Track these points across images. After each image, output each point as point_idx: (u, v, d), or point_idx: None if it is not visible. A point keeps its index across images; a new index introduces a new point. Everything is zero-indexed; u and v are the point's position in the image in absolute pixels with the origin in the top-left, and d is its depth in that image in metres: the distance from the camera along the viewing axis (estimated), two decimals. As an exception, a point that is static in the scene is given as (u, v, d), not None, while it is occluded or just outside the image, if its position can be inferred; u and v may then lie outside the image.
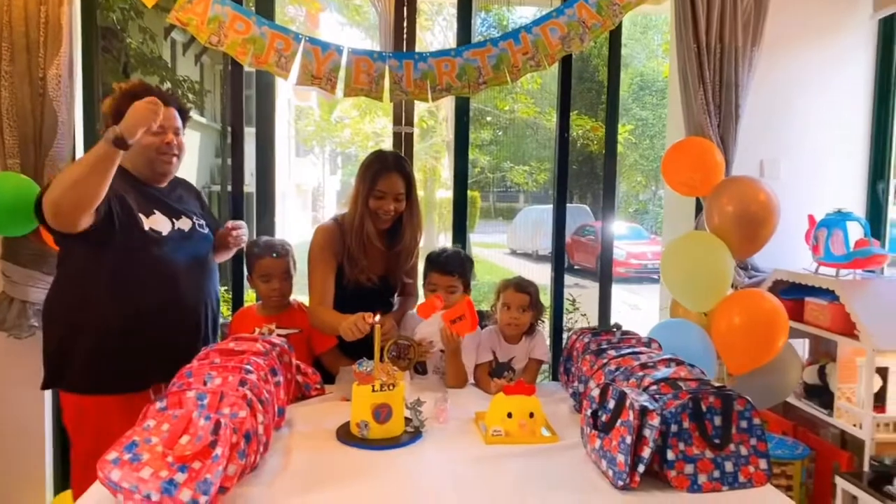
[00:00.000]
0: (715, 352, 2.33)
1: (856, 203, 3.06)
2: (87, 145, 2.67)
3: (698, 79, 2.70)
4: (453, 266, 2.30)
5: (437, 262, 2.32)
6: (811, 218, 2.63)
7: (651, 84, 16.07)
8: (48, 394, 2.59)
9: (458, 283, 2.30)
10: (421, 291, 2.43)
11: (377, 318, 1.93)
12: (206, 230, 2.19)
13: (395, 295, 2.46)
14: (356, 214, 2.27)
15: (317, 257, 2.28)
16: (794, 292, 2.61)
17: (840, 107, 3.06)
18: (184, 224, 2.10)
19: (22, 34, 2.37)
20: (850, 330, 2.33)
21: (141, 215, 1.99)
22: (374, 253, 2.32)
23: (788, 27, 2.93)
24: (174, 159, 2.09)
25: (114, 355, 1.96)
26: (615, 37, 2.95)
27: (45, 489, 2.61)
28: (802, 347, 2.77)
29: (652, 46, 16.28)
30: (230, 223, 2.31)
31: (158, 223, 2.03)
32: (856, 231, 2.47)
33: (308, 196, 19.51)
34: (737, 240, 2.41)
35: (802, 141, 3.01)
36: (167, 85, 8.87)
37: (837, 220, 2.50)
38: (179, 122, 2.10)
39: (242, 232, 2.31)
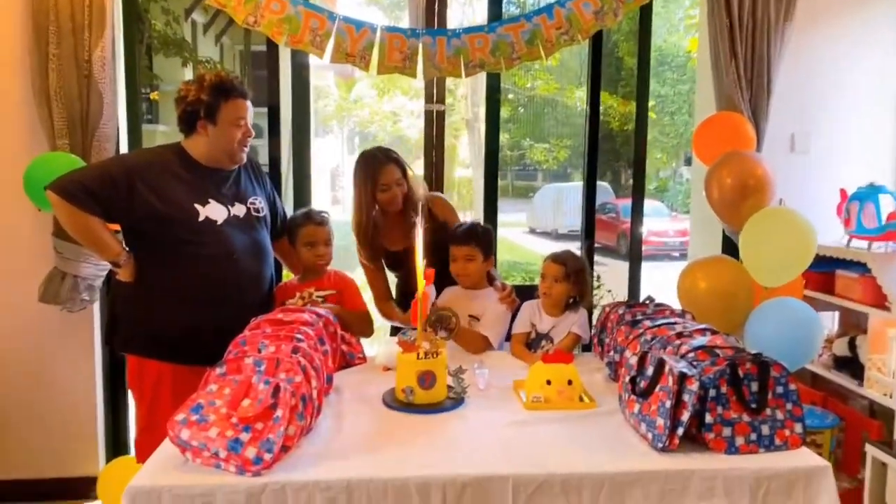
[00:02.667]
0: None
1: (887, 176, 3.05)
2: (130, 125, 2.76)
3: (730, 53, 2.70)
4: (468, 236, 2.40)
5: (453, 234, 2.44)
6: (843, 192, 2.64)
7: (671, 59, 15.82)
8: (100, 362, 2.71)
9: (476, 252, 2.39)
10: None
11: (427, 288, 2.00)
12: (262, 212, 2.28)
13: None
14: (364, 216, 2.46)
15: (361, 262, 2.58)
16: (824, 265, 2.63)
17: (872, 80, 3.04)
18: (238, 210, 2.19)
19: (68, 17, 2.44)
20: (881, 302, 2.36)
21: (197, 205, 2.09)
22: (397, 230, 2.48)
23: (821, 1, 2.92)
24: (247, 147, 2.21)
25: (172, 327, 2.09)
26: (646, 11, 2.95)
27: (97, 455, 2.74)
28: (832, 320, 2.80)
29: (673, 21, 16.00)
30: None
31: (214, 212, 2.13)
32: (887, 204, 2.48)
33: (327, 176, 19.60)
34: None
35: (834, 115, 3.01)
36: (190, 66, 8.96)
37: (869, 193, 2.51)
38: (252, 111, 2.20)
39: None
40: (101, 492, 2.57)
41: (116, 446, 2.79)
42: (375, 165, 2.43)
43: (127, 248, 2.11)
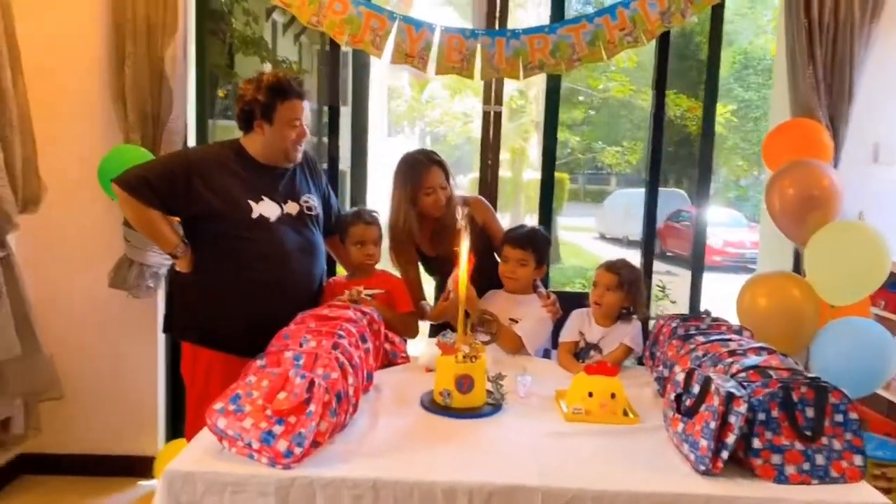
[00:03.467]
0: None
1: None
2: (199, 121, 2.87)
3: (808, 56, 2.55)
4: (525, 240, 2.35)
5: (510, 235, 2.40)
6: (930, 206, 2.44)
7: (756, 63, 15.12)
8: (163, 348, 2.84)
9: (530, 258, 2.35)
10: None
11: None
12: (316, 211, 2.31)
13: None
14: (400, 219, 2.42)
15: (396, 265, 2.53)
16: (904, 285, 2.44)
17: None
18: (291, 208, 2.24)
19: (144, 17, 2.56)
20: (967, 328, 2.16)
21: (251, 202, 2.15)
22: (433, 235, 2.48)
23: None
24: (302, 147, 2.25)
25: (225, 319, 2.17)
26: (718, 11, 2.82)
27: (157, 436, 2.87)
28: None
29: (760, 22, 15.28)
30: None
31: (267, 209, 2.18)
32: (980, 222, 2.28)
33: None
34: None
35: (924, 124, 2.79)
36: (267, 65, 9.25)
37: (960, 208, 2.31)
38: (308, 112, 2.25)
39: None
40: (158, 472, 2.69)
41: (176, 429, 2.91)
42: (419, 168, 2.41)
43: (185, 241, 2.20)
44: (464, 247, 1.83)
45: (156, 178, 2.10)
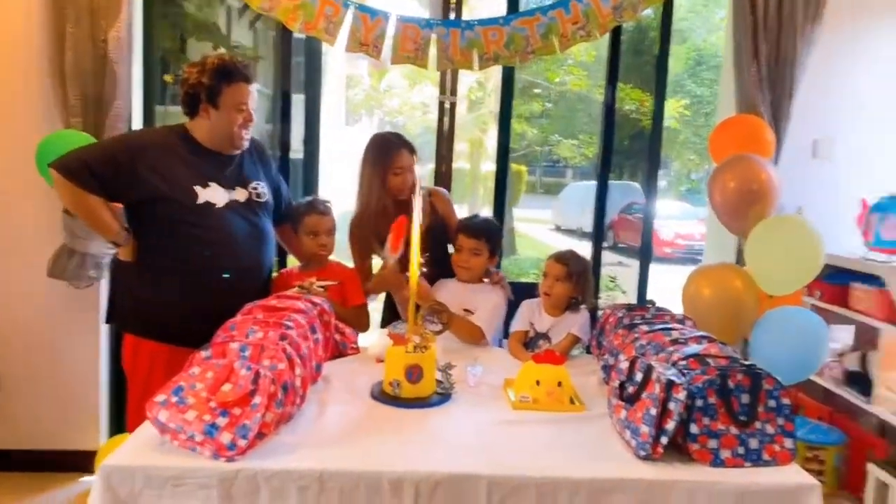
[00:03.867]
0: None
1: (913, 188, 2.94)
2: (146, 106, 2.78)
3: (752, 54, 2.62)
4: (479, 230, 2.37)
5: (465, 224, 2.41)
6: (864, 202, 2.55)
7: (709, 59, 15.48)
8: (105, 340, 2.76)
9: (484, 247, 2.37)
10: None
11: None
12: (265, 198, 2.27)
13: None
14: (373, 199, 2.39)
15: (354, 253, 2.49)
16: (840, 277, 2.55)
17: (901, 86, 2.92)
18: (239, 195, 2.19)
19: (86, -3, 2.47)
20: (895, 318, 2.27)
21: (197, 187, 2.10)
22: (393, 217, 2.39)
23: (850, 2, 2.81)
24: (248, 132, 2.20)
25: (169, 308, 2.11)
26: (668, 7, 2.88)
27: (99, 430, 2.80)
28: (847, 334, 2.71)
29: (713, 20, 15.65)
30: None
31: (214, 195, 2.12)
32: (910, 217, 2.39)
33: (355, 165, 19.69)
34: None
35: (860, 121, 2.90)
36: (221, 51, 9.02)
37: (890, 204, 2.43)
38: (255, 96, 2.20)
39: None
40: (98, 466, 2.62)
41: (119, 422, 2.84)
42: (390, 147, 2.39)
43: (127, 228, 2.13)
44: (415, 230, 1.83)
45: (96, 163, 2.02)
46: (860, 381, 2.49)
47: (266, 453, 1.44)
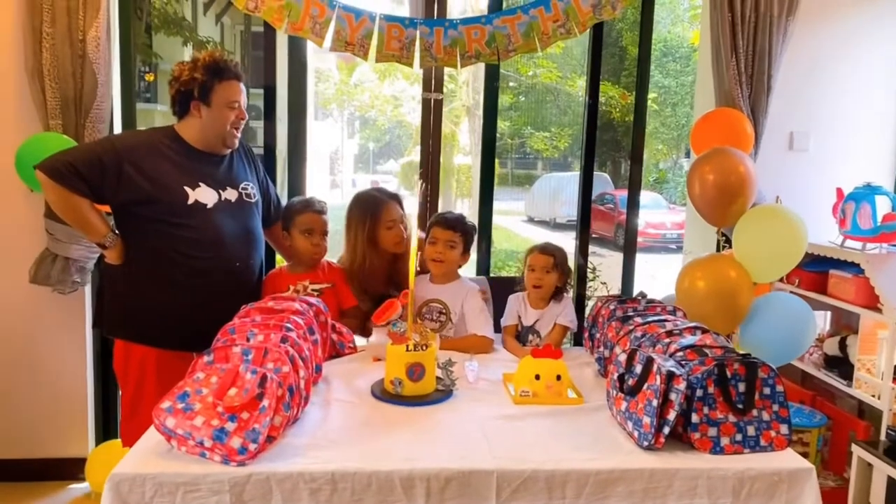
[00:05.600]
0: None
1: (885, 177, 3.05)
2: (125, 106, 2.73)
3: (731, 48, 2.68)
4: (454, 222, 2.36)
5: (440, 217, 2.40)
6: (839, 191, 2.63)
7: (675, 50, 15.70)
8: (91, 347, 2.71)
9: (459, 241, 2.35)
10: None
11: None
12: (254, 198, 2.25)
13: None
14: (360, 258, 2.36)
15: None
16: (818, 265, 2.63)
17: (873, 80, 3.02)
18: (230, 195, 2.17)
19: (62, -5, 2.41)
20: (873, 303, 2.36)
21: (187, 188, 2.07)
22: (386, 274, 2.42)
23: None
24: (240, 131, 2.18)
25: (159, 311, 2.08)
26: (648, 5, 2.93)
27: (87, 437, 2.75)
28: (824, 320, 2.80)
29: (678, 11, 15.86)
30: None
31: (204, 195, 2.11)
32: (884, 205, 2.47)
33: (326, 160, 19.53)
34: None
35: (835, 113, 2.99)
36: (189, 46, 8.87)
37: (865, 193, 2.50)
38: (246, 95, 2.18)
39: None
40: (89, 474, 2.58)
41: (107, 429, 2.80)
42: (377, 203, 2.37)
43: (115, 231, 2.10)
44: (413, 240, 1.84)
45: (83, 165, 1.99)
46: (840, 364, 2.57)
47: (275, 456, 1.45)
